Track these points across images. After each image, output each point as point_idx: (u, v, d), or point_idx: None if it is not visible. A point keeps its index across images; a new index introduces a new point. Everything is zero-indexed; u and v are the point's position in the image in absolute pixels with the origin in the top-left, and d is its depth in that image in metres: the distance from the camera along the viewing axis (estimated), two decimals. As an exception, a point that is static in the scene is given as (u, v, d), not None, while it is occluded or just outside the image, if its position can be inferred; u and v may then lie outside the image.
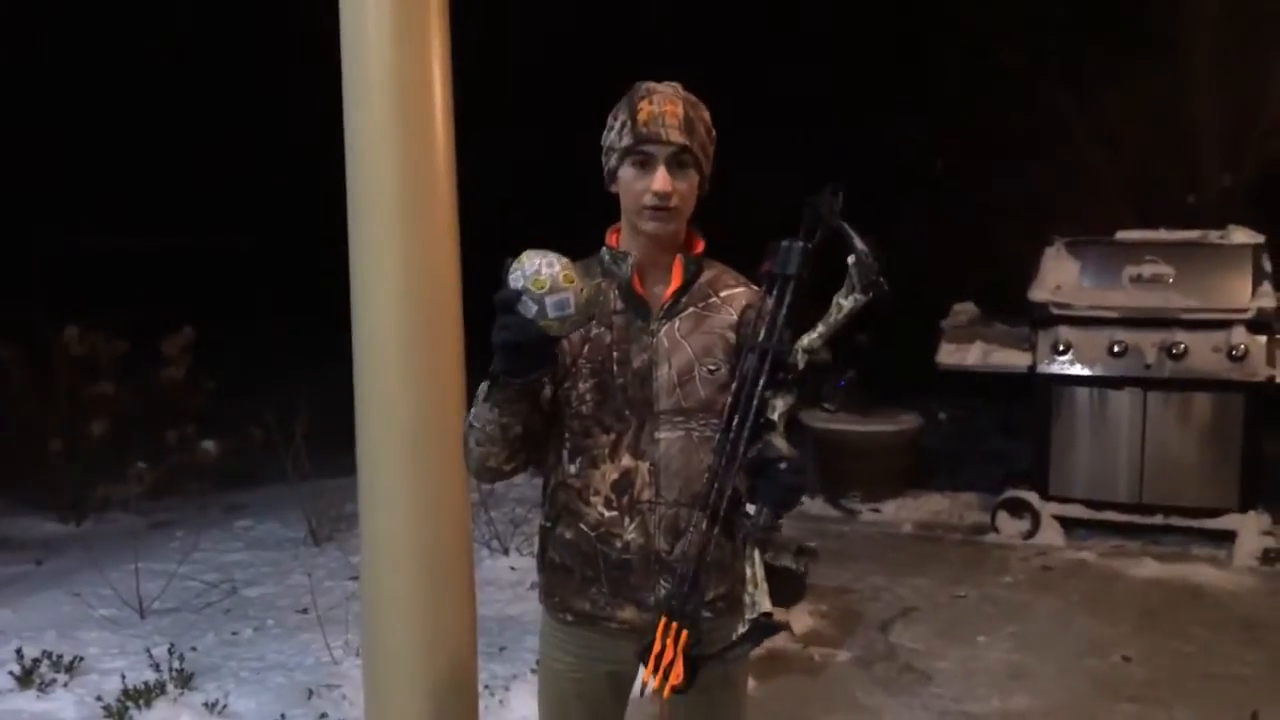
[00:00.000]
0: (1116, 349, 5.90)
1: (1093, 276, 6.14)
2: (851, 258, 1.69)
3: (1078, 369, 6.03)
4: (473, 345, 2.76)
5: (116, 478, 6.11)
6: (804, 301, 1.73)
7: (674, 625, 1.69)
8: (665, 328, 1.91)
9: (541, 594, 2.04)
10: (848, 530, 6.45)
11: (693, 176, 1.87)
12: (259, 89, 13.93)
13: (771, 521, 1.68)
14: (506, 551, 5.36)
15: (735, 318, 1.93)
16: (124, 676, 3.72)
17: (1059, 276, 6.14)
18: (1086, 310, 6.01)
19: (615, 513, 1.89)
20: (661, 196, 1.83)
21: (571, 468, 1.92)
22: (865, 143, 10.25)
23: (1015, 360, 6.21)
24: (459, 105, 2.81)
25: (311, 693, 3.75)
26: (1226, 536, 5.78)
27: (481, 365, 1.80)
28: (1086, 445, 6.10)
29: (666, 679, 1.67)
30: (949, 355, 6.37)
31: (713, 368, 1.90)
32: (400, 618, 2.82)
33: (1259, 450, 5.88)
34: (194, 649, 4.11)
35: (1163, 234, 6.19)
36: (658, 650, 1.69)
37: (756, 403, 1.70)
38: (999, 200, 8.90)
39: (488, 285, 1.74)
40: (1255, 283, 5.76)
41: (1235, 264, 5.87)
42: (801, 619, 4.80)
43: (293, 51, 8.98)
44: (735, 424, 1.71)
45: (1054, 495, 6.14)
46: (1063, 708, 4.03)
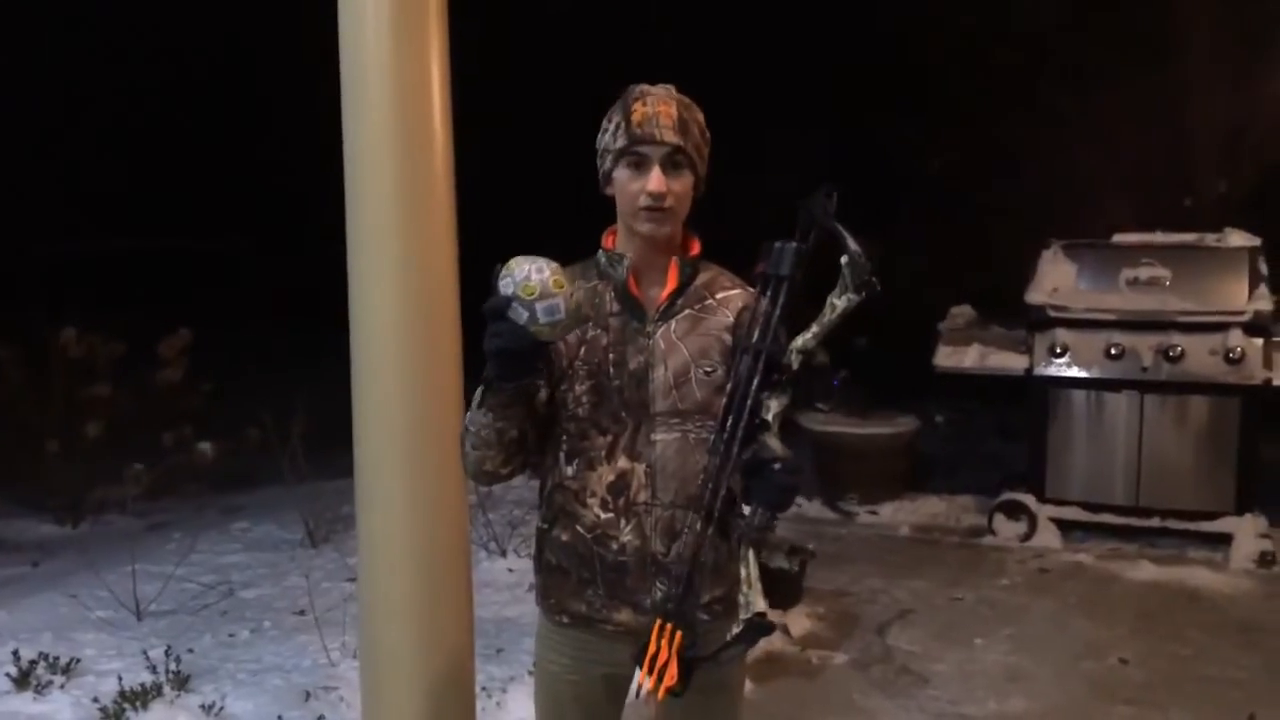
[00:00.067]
0: (1113, 351, 5.91)
1: (1089, 279, 6.15)
2: (845, 258, 1.69)
3: (1074, 371, 6.03)
4: (470, 347, 2.76)
5: (113, 479, 6.10)
6: (798, 302, 1.73)
7: (668, 627, 1.69)
8: (661, 330, 1.91)
9: (538, 596, 2.04)
10: (845, 533, 6.45)
11: (687, 177, 1.88)
12: (256, 90, 13.94)
13: (766, 522, 1.68)
14: (504, 553, 5.36)
15: (731, 320, 1.92)
16: (121, 678, 3.72)
17: (1056, 279, 6.15)
18: (1083, 313, 6.01)
19: (611, 514, 1.89)
20: (656, 197, 1.84)
21: (568, 470, 1.92)
22: (863, 145, 10.27)
23: (1012, 363, 6.22)
24: (457, 107, 2.81)
25: (309, 695, 3.75)
26: (1223, 539, 5.79)
27: (479, 367, 1.81)
28: (1083, 448, 6.11)
29: (661, 681, 1.67)
30: (946, 358, 6.38)
31: (709, 369, 1.90)
32: (397, 619, 2.82)
33: (1256, 453, 5.88)
34: (191, 651, 4.11)
35: (1159, 237, 6.19)
36: (652, 652, 1.69)
37: (751, 403, 1.70)
38: (996, 203, 8.92)
39: (486, 286, 1.74)
40: (1252, 285, 5.77)
41: (1232, 267, 5.88)
42: (799, 621, 4.80)
43: (291, 52, 8.98)
44: (729, 425, 1.71)
45: (1051, 498, 6.15)
46: (1059, 710, 4.03)
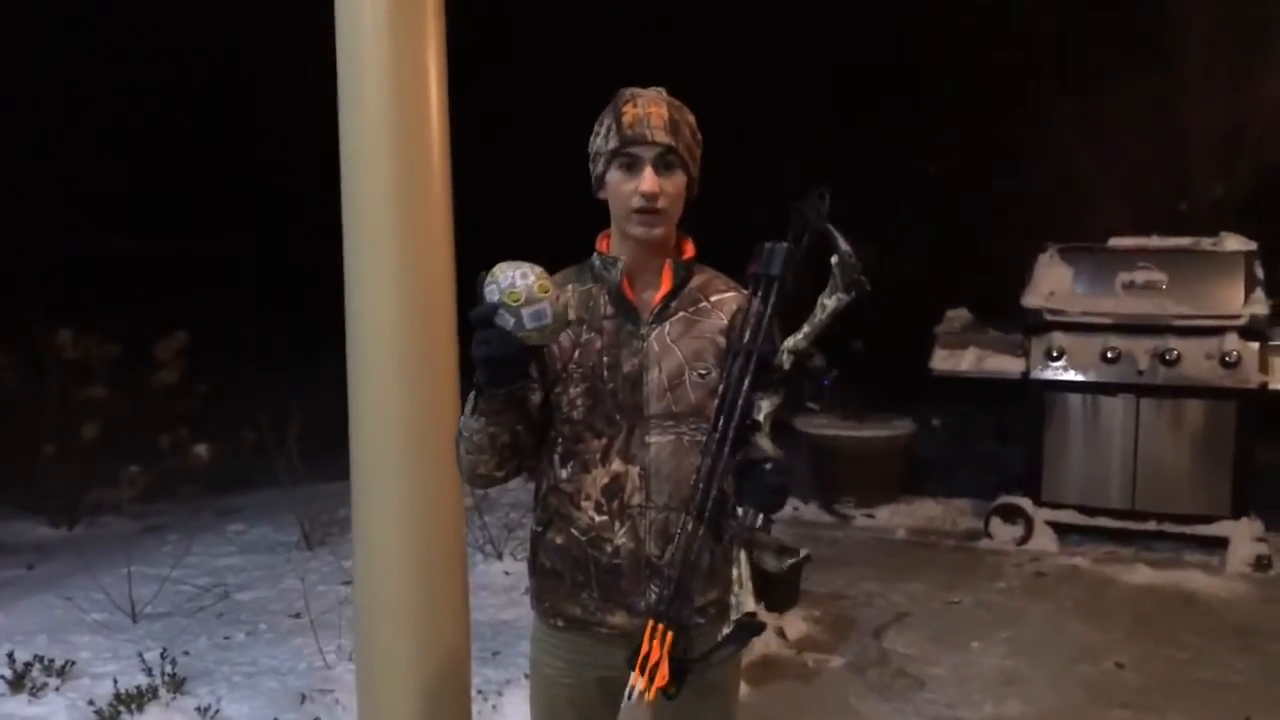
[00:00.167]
0: (1109, 355, 5.92)
1: (1086, 283, 6.16)
2: (835, 258, 1.70)
3: (1071, 375, 6.04)
4: (467, 349, 2.75)
5: (109, 481, 6.09)
6: (789, 302, 1.73)
7: (660, 627, 1.69)
8: (655, 332, 1.91)
9: (533, 599, 2.03)
10: (841, 536, 6.46)
11: (679, 178, 1.88)
12: (255, 91, 13.93)
13: (755, 523, 1.68)
14: (500, 556, 5.35)
15: (726, 322, 1.92)
16: (116, 681, 3.71)
17: (1052, 283, 6.16)
18: (1079, 316, 6.02)
19: (606, 517, 1.89)
20: (649, 197, 1.84)
21: (563, 472, 1.93)
22: (861, 146, 10.29)
23: (1008, 366, 6.22)
24: (454, 107, 2.81)
25: (304, 697, 3.74)
26: (1219, 543, 5.80)
27: (475, 369, 1.80)
28: (1080, 451, 6.12)
29: (653, 681, 1.68)
30: (943, 361, 6.38)
31: (703, 372, 1.89)
32: (393, 622, 2.81)
33: (1251, 457, 5.89)
34: (186, 653, 4.09)
35: (1155, 241, 6.20)
36: (644, 652, 1.69)
37: (742, 404, 1.71)
38: (993, 206, 8.93)
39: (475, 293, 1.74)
40: (1248, 289, 5.78)
41: (1228, 271, 5.89)
42: (795, 624, 4.80)
43: (290, 53, 8.97)
44: (721, 425, 1.72)
45: (1047, 501, 6.16)
46: (1055, 713, 4.03)
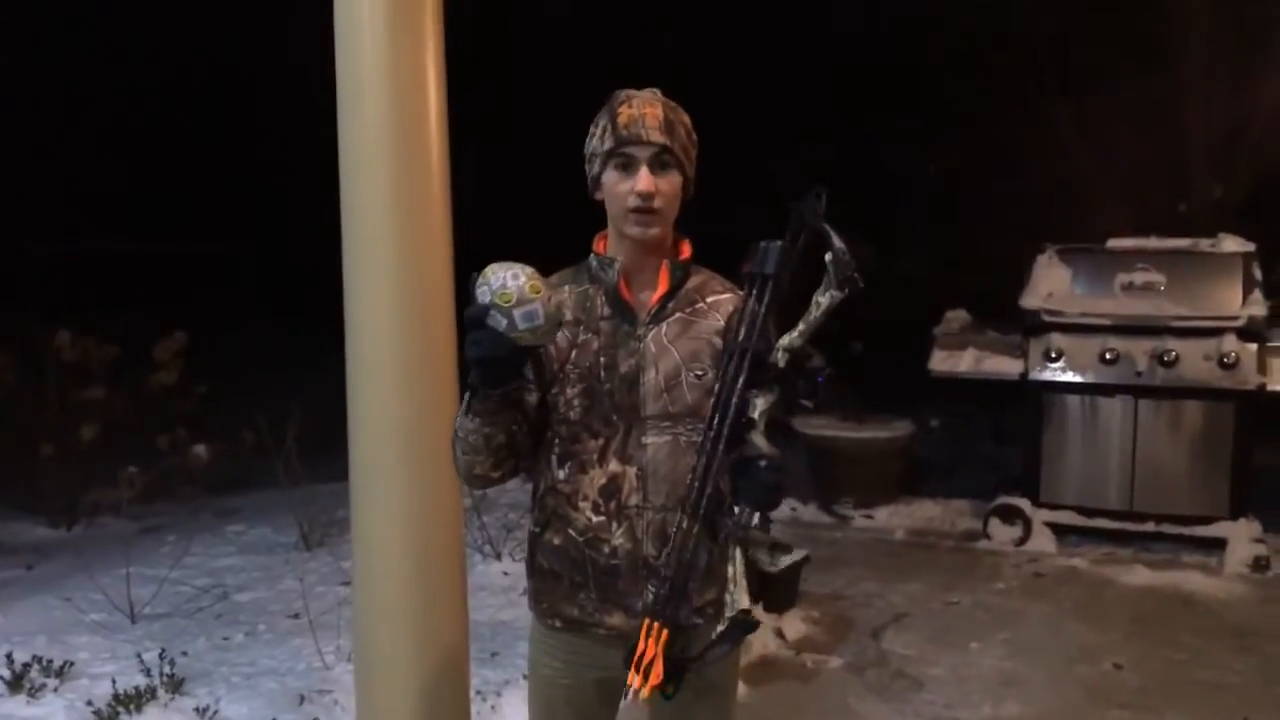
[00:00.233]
0: (1108, 356, 5.92)
1: (1084, 284, 6.17)
2: (829, 255, 1.71)
3: (1069, 376, 6.05)
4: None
5: (107, 482, 6.08)
6: (785, 301, 1.74)
7: (655, 625, 1.70)
8: (652, 333, 1.92)
9: (530, 600, 2.03)
10: (840, 536, 6.46)
11: (675, 177, 1.88)
12: (255, 92, 13.93)
13: (750, 521, 1.69)
14: (499, 556, 5.35)
15: (722, 323, 1.92)
16: (115, 681, 3.71)
17: (1051, 284, 6.17)
18: (1078, 318, 6.03)
19: (603, 518, 1.89)
20: (645, 197, 1.84)
21: (560, 473, 1.93)
22: (861, 147, 10.29)
23: (1007, 367, 6.23)
24: (453, 109, 2.81)
25: (303, 698, 3.74)
26: (1217, 544, 5.81)
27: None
28: (1078, 452, 6.12)
29: (648, 679, 1.68)
30: (941, 362, 6.39)
31: (700, 373, 1.90)
32: (392, 623, 2.81)
33: (1250, 458, 5.89)
34: (185, 654, 4.09)
35: (1154, 242, 6.21)
36: (640, 650, 1.70)
37: (737, 401, 1.71)
38: (992, 207, 8.93)
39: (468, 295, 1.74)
40: (1246, 291, 5.79)
41: (1226, 272, 5.90)
42: (794, 625, 4.80)
43: (290, 54, 8.98)
44: (715, 423, 1.73)
45: (1046, 502, 6.16)
46: (1054, 714, 4.03)
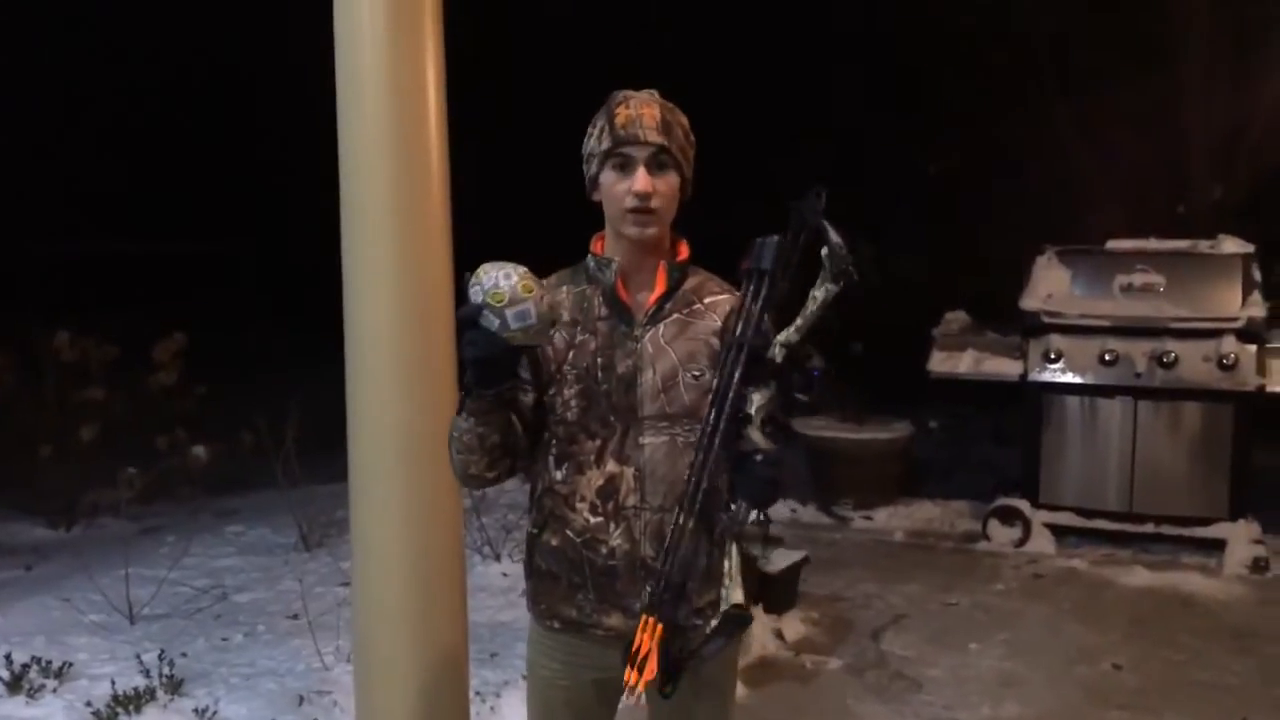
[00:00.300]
0: (1107, 358, 5.93)
1: (1084, 285, 6.17)
2: (824, 249, 1.71)
3: (1069, 377, 6.05)
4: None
5: (107, 483, 6.09)
6: (783, 297, 1.74)
7: (651, 621, 1.71)
8: (649, 334, 1.92)
9: (529, 601, 2.03)
10: (839, 538, 6.46)
11: (672, 178, 1.88)
12: (255, 92, 13.94)
13: (746, 517, 1.69)
14: (498, 557, 5.35)
15: (719, 324, 1.93)
16: (114, 682, 3.71)
17: (1050, 285, 6.17)
18: (1077, 319, 6.03)
19: (601, 519, 1.89)
20: (642, 197, 1.84)
21: (558, 474, 1.93)
22: (860, 147, 10.29)
23: (1006, 369, 6.23)
24: (453, 110, 2.81)
25: (302, 699, 3.74)
26: (1217, 545, 5.81)
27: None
28: (1077, 454, 6.13)
29: (642, 673, 1.69)
30: (941, 363, 6.39)
31: (697, 373, 1.90)
32: (391, 624, 2.81)
33: (1249, 459, 5.89)
34: (184, 655, 4.10)
35: (1153, 243, 6.21)
36: (636, 646, 1.71)
37: (733, 396, 1.72)
38: (991, 208, 8.93)
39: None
40: (1245, 292, 5.80)
41: (1225, 273, 5.90)
42: (793, 626, 4.80)
43: (290, 54, 8.98)
44: (712, 418, 1.73)
45: (1045, 503, 6.16)
46: (1053, 715, 4.03)
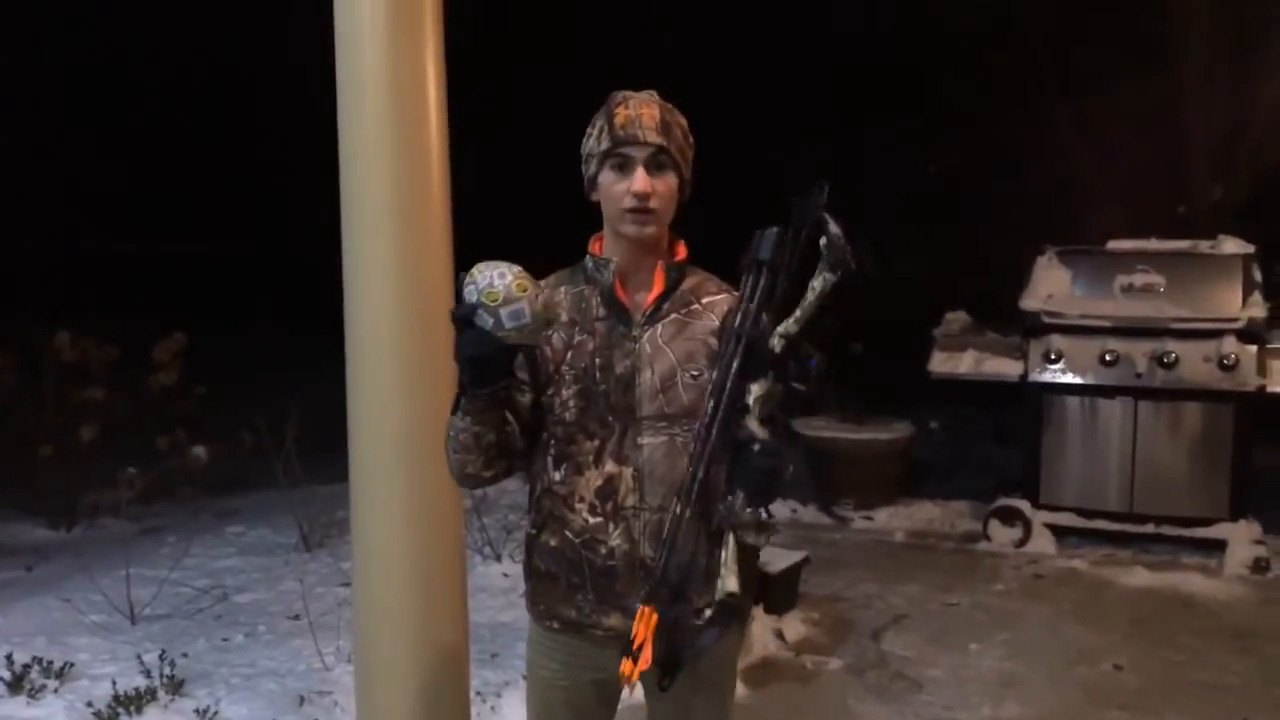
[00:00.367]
0: (1108, 358, 5.92)
1: (1084, 286, 6.17)
2: (823, 239, 1.72)
3: (1069, 378, 6.05)
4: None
5: (107, 483, 6.09)
6: (782, 289, 1.75)
7: (646, 610, 1.72)
8: (648, 334, 1.92)
9: (528, 602, 2.04)
10: (840, 538, 6.46)
11: (671, 178, 1.89)
12: (255, 92, 13.94)
13: (744, 507, 1.70)
14: (499, 558, 5.36)
15: (717, 324, 1.93)
16: (115, 683, 3.71)
17: (1050, 286, 6.17)
18: (1078, 319, 6.03)
19: (600, 519, 1.90)
20: (641, 197, 1.85)
21: (556, 474, 1.93)
22: (861, 147, 10.29)
23: (1007, 369, 6.23)
24: (453, 109, 2.82)
25: (303, 699, 3.74)
26: (1217, 545, 5.80)
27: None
28: (1078, 454, 6.12)
29: (637, 662, 1.70)
30: (941, 364, 6.39)
31: (695, 373, 1.90)
32: (392, 624, 2.82)
33: (1249, 459, 5.89)
34: (185, 655, 4.10)
35: (1154, 244, 6.21)
36: (632, 635, 1.72)
37: (730, 387, 1.73)
38: (992, 208, 8.93)
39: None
40: (1246, 292, 5.79)
41: (1226, 274, 5.90)
42: (794, 626, 4.80)
43: (290, 54, 8.98)
44: (710, 408, 1.75)
45: (1045, 504, 6.16)
46: (1054, 715, 4.03)
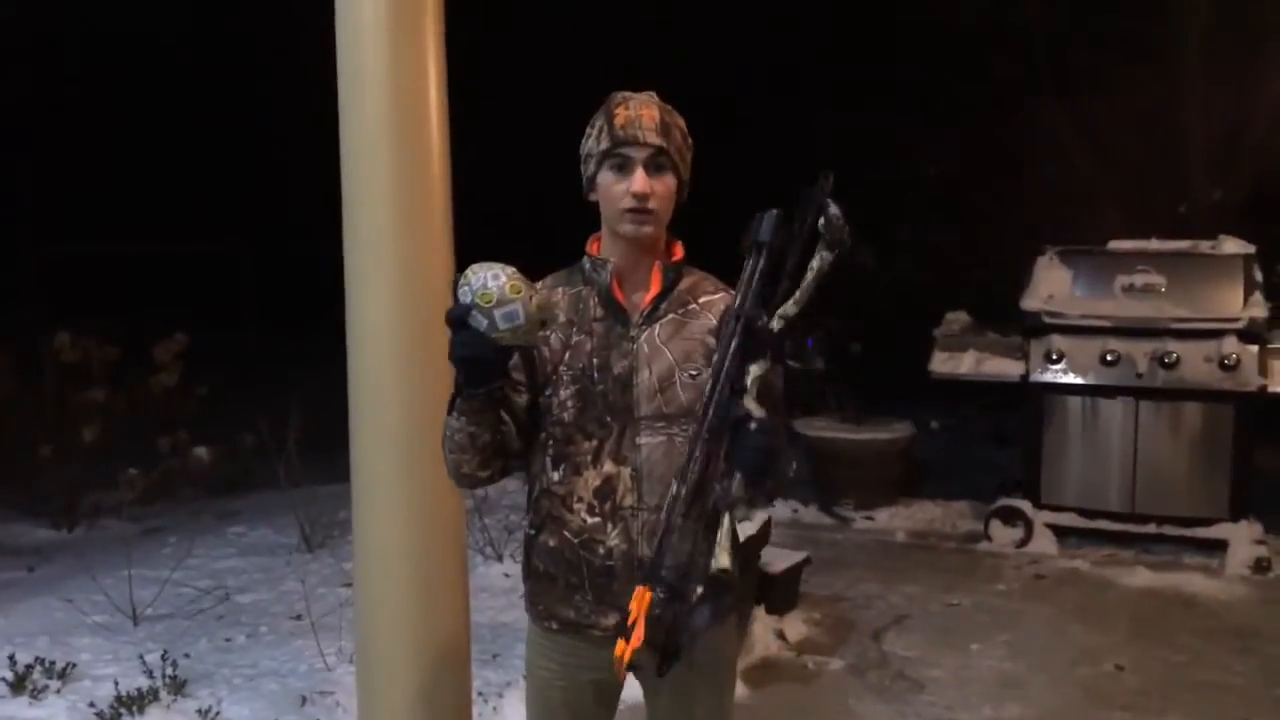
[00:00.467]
0: (1109, 358, 5.92)
1: (1085, 286, 6.17)
2: (822, 220, 1.72)
3: (1070, 378, 6.04)
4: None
5: (108, 484, 6.10)
6: (780, 268, 1.75)
7: (640, 589, 1.73)
8: (645, 334, 1.92)
9: (527, 602, 2.04)
10: (841, 538, 6.46)
11: (670, 179, 1.89)
12: (255, 93, 13.95)
13: (739, 485, 1.70)
14: (500, 558, 5.36)
15: (714, 323, 1.93)
16: (117, 683, 3.71)
17: (1051, 286, 6.17)
18: (1079, 319, 6.03)
19: (598, 519, 1.90)
20: (639, 197, 1.85)
21: (554, 475, 1.93)
22: (861, 148, 10.28)
23: (1008, 369, 6.23)
24: (455, 110, 2.82)
25: (305, 699, 3.75)
26: (1218, 545, 5.80)
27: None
28: (1079, 454, 6.12)
29: (629, 642, 1.70)
30: (942, 364, 6.39)
31: (693, 373, 1.90)
32: (393, 624, 2.82)
33: (1250, 459, 5.89)
34: (187, 656, 4.10)
35: (1154, 244, 6.21)
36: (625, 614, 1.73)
37: (729, 367, 1.74)
38: (993, 209, 8.93)
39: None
40: (1246, 292, 5.79)
41: (1227, 274, 5.90)
42: (795, 627, 4.80)
43: (291, 54, 8.99)
44: (708, 389, 1.76)
45: (1047, 504, 6.16)
46: (1055, 716, 4.03)
